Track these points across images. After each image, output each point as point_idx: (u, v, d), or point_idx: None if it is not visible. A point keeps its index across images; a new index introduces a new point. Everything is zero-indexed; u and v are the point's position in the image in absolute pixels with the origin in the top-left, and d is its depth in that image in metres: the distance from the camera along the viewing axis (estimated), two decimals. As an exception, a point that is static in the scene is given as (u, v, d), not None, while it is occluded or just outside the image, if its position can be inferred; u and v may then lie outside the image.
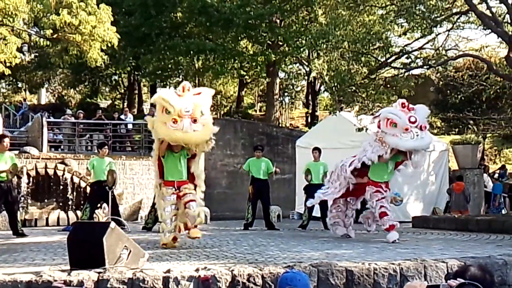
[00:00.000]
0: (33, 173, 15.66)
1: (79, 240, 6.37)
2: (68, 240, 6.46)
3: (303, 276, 3.58)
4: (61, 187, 15.92)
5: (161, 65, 27.27)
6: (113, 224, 6.43)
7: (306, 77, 33.02)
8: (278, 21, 26.36)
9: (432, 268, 6.58)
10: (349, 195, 10.83)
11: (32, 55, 30.10)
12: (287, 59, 27.69)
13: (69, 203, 15.78)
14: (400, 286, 6.25)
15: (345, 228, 10.93)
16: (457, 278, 2.98)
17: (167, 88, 9.04)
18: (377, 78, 16.36)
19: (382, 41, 15.43)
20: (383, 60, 15.99)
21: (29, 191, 15.53)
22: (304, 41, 23.36)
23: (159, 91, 8.79)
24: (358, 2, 15.33)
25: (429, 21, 14.89)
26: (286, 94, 39.24)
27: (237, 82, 35.35)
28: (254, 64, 26.71)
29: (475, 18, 15.21)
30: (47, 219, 15.02)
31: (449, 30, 16.48)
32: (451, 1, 15.23)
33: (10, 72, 20.10)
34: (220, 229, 13.05)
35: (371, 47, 15.68)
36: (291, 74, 35.19)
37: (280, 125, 28.83)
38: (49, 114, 24.20)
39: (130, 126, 22.64)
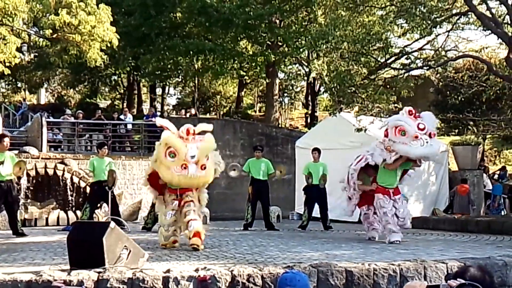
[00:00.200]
0: (33, 173, 15.65)
1: (79, 240, 6.37)
2: (68, 240, 6.46)
3: (303, 277, 3.57)
4: (61, 187, 15.93)
5: (161, 65, 27.26)
6: (113, 224, 6.43)
7: (306, 78, 32.97)
8: (278, 22, 26.34)
9: (432, 269, 6.58)
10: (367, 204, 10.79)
11: (32, 55, 30.11)
12: (287, 60, 27.66)
13: (69, 203, 15.80)
14: (400, 287, 6.25)
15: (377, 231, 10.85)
16: (457, 279, 2.98)
17: (172, 127, 8.74)
18: (377, 79, 16.35)
19: (382, 42, 15.41)
20: (383, 61, 15.98)
21: (29, 191, 15.53)
22: (304, 42, 23.33)
23: (165, 134, 8.62)
24: (358, 3, 15.32)
25: (429, 22, 14.88)
26: (286, 95, 39.25)
27: (237, 83, 35.38)
28: (254, 65, 26.70)
29: (475, 19, 15.19)
30: (47, 219, 15.03)
31: (449, 31, 16.45)
32: (451, 2, 15.22)
33: (10, 72, 20.07)
34: (220, 230, 13.03)
35: (371, 48, 15.66)
36: (291, 75, 35.27)
37: (280, 126, 28.78)
38: (49, 114, 24.19)
39: (130, 126, 22.64)
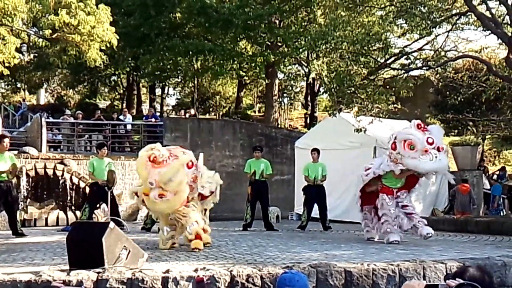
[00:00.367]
0: (32, 173, 15.63)
1: (78, 240, 6.36)
2: (67, 240, 6.46)
3: (302, 277, 3.58)
4: (60, 187, 15.91)
5: (160, 66, 27.24)
6: (112, 224, 6.43)
7: (305, 78, 32.98)
8: (277, 22, 26.35)
9: (431, 269, 6.58)
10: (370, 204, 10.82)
11: (31, 55, 30.07)
12: (286, 60, 27.65)
13: (68, 203, 15.78)
14: (399, 287, 6.25)
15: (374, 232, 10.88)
16: (456, 279, 2.98)
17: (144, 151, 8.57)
18: (376, 79, 16.35)
19: (382, 42, 15.42)
20: (383, 61, 15.98)
21: (28, 191, 15.51)
22: (303, 42, 23.32)
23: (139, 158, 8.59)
24: (357, 3, 15.32)
25: (429, 22, 14.89)
26: (285, 95, 39.22)
27: (236, 83, 35.37)
28: (253, 65, 26.69)
29: (475, 19, 15.21)
30: (46, 219, 15.03)
31: (449, 31, 16.46)
32: (451, 2, 15.23)
33: (9, 72, 20.05)
34: (219, 230, 13.01)
35: (371, 48, 15.65)
36: (290, 75, 35.29)
37: (279, 126, 28.80)
38: (48, 115, 24.18)
39: (129, 127, 22.66)
